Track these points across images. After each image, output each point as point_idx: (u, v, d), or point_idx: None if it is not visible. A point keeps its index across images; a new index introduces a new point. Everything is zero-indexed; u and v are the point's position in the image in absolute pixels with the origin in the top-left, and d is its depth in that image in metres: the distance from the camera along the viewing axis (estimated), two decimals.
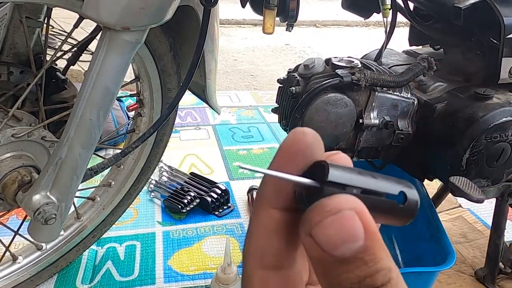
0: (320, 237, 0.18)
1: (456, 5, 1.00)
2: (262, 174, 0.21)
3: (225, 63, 3.49)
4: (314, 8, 5.53)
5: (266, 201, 0.21)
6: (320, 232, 0.18)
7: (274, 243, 0.20)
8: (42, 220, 0.78)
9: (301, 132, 0.21)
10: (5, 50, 0.91)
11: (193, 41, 0.87)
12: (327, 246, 0.18)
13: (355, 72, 0.96)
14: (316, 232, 0.18)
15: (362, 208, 0.18)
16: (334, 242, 0.18)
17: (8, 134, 0.82)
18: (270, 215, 0.20)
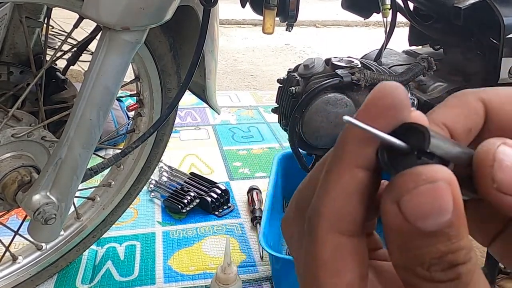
0: (409, 206, 0.17)
1: (456, 5, 1.00)
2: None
3: (225, 63, 3.50)
4: (314, 8, 5.53)
5: (349, 158, 0.18)
6: (411, 200, 0.17)
7: (354, 207, 0.18)
8: (42, 220, 0.78)
9: (393, 86, 0.19)
10: (5, 50, 0.91)
11: (193, 41, 0.87)
12: (415, 216, 0.16)
13: (355, 72, 0.96)
14: (406, 200, 0.17)
15: (455, 182, 0.17)
16: (423, 213, 0.16)
17: (8, 134, 0.82)
18: (353, 174, 0.18)
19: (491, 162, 0.18)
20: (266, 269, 1.26)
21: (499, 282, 1.22)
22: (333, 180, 0.18)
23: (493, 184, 0.18)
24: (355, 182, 0.18)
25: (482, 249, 1.35)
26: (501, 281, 1.22)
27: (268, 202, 1.20)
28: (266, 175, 1.73)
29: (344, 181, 0.18)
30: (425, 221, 0.16)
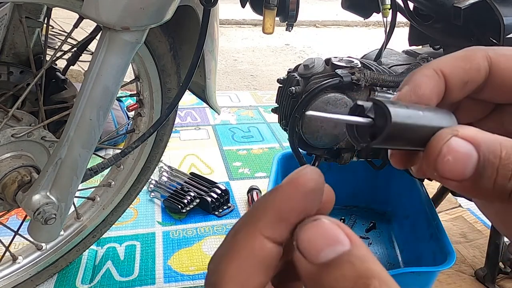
0: (302, 244, 0.18)
1: (456, 5, 1.00)
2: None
3: (225, 63, 3.50)
4: (314, 8, 5.53)
5: (263, 227, 0.19)
6: (302, 239, 0.18)
7: (259, 274, 0.19)
8: (42, 220, 0.78)
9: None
10: (5, 50, 0.91)
11: (193, 41, 0.87)
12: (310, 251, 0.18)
13: (355, 72, 0.96)
14: (300, 240, 0.18)
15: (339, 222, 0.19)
16: (315, 247, 0.18)
17: (8, 134, 0.82)
18: (262, 245, 0.19)
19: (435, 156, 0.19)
20: None
21: (499, 282, 1.22)
22: (241, 245, 0.19)
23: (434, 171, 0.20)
24: (262, 251, 0.19)
25: (482, 249, 1.35)
26: (501, 280, 1.23)
27: None
28: (266, 175, 1.73)
29: (251, 248, 0.19)
30: (322, 253, 0.17)
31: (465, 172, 0.19)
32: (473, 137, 0.19)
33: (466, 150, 0.19)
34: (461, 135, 0.19)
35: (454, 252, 0.97)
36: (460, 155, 0.19)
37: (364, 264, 0.17)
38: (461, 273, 1.27)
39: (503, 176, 0.19)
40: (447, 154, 0.19)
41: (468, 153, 0.19)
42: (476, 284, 1.23)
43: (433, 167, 0.20)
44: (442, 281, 1.24)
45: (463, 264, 1.31)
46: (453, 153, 0.19)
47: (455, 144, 0.19)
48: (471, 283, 1.24)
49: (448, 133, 0.20)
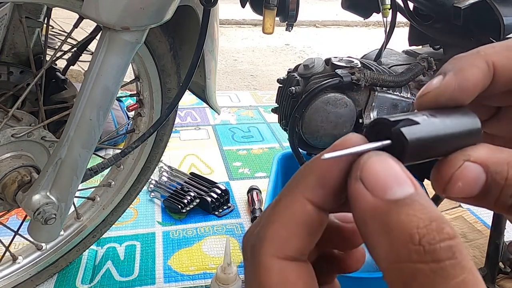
0: (369, 177, 0.18)
1: (455, 5, 1.00)
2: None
3: (225, 63, 3.50)
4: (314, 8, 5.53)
5: (305, 190, 0.19)
6: (369, 172, 0.18)
7: (300, 236, 0.19)
8: (42, 220, 0.78)
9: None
10: (5, 50, 0.91)
11: (193, 41, 0.87)
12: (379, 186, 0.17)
13: (355, 72, 0.96)
14: (365, 173, 0.18)
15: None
16: (384, 181, 0.17)
17: (8, 134, 0.82)
18: (303, 207, 0.19)
19: (446, 182, 0.20)
20: None
21: (499, 282, 1.22)
22: (283, 208, 0.19)
23: (443, 192, 0.20)
24: (304, 215, 0.19)
25: (482, 249, 1.35)
26: (501, 280, 1.22)
27: (268, 202, 1.20)
28: (266, 175, 1.73)
29: (293, 211, 0.19)
30: (391, 190, 0.17)
31: (473, 192, 0.20)
32: (483, 159, 0.19)
33: (476, 173, 0.19)
34: (473, 159, 0.20)
35: None
36: (470, 180, 0.19)
37: (432, 208, 0.17)
38: None
39: (505, 195, 0.19)
40: (458, 180, 0.19)
41: (477, 176, 0.19)
42: None
43: (442, 190, 0.20)
44: None
45: None
46: (463, 179, 0.19)
47: (466, 170, 0.19)
48: None
49: (461, 159, 0.20)
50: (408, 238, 0.16)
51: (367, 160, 0.18)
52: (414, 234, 0.16)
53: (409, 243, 0.16)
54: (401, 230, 0.16)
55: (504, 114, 0.24)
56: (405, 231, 0.16)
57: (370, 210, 0.17)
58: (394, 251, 0.16)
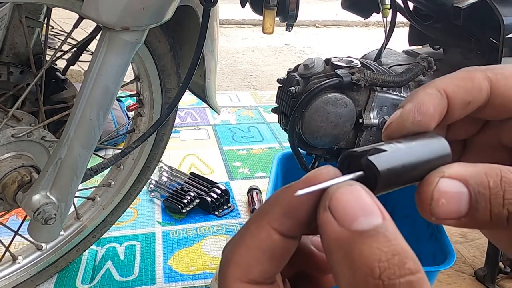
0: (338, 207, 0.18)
1: (455, 5, 1.00)
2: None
3: (225, 63, 3.50)
4: (314, 8, 5.53)
5: (271, 219, 0.20)
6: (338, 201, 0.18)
7: (264, 261, 0.19)
8: (42, 220, 0.78)
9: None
10: (5, 50, 0.91)
11: (193, 41, 0.87)
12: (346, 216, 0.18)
13: (355, 72, 0.96)
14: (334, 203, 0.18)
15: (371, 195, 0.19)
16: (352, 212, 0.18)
17: (8, 134, 0.82)
18: (269, 236, 0.19)
19: (429, 201, 0.20)
20: None
21: (499, 282, 1.22)
22: (249, 234, 0.20)
23: (431, 217, 0.20)
24: (270, 243, 0.19)
25: (482, 249, 1.35)
26: (501, 280, 1.22)
27: None
28: (266, 175, 1.73)
29: (259, 238, 0.19)
30: (357, 221, 0.17)
31: (460, 210, 0.19)
32: (460, 174, 0.20)
33: (456, 189, 0.19)
34: (448, 175, 0.20)
35: (454, 252, 0.97)
36: (452, 195, 0.19)
37: (398, 241, 0.17)
38: (461, 273, 1.27)
39: (496, 204, 0.19)
40: (440, 197, 0.19)
41: (459, 191, 0.19)
42: (476, 284, 1.23)
43: (429, 212, 0.20)
44: (442, 281, 1.24)
45: (463, 264, 1.31)
46: (445, 196, 0.19)
47: (445, 186, 0.20)
48: (471, 283, 1.24)
49: (436, 176, 0.20)
50: (369, 271, 0.16)
51: (336, 190, 0.18)
52: (374, 268, 0.16)
53: (369, 276, 0.16)
54: (362, 262, 0.16)
55: (500, 125, 0.25)
56: (367, 264, 0.16)
57: (335, 239, 0.18)
58: (354, 283, 0.17)
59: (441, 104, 0.22)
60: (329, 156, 1.08)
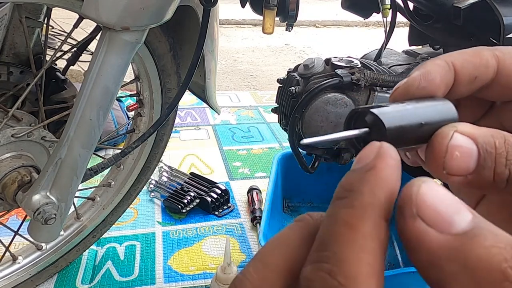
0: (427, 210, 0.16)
1: (455, 5, 1.00)
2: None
3: (225, 63, 3.50)
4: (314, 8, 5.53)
5: (381, 210, 0.16)
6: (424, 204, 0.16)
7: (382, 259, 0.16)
8: (42, 220, 0.78)
9: None
10: (5, 50, 0.91)
11: (193, 41, 0.87)
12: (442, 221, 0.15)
13: (355, 72, 0.96)
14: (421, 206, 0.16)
15: None
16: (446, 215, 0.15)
17: (8, 134, 0.82)
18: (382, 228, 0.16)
19: (443, 154, 0.20)
20: None
21: None
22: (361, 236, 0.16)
23: (443, 170, 0.20)
24: (385, 236, 0.16)
25: None
26: None
27: (268, 202, 1.20)
28: (266, 175, 1.73)
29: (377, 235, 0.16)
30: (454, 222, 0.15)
31: (470, 166, 0.20)
32: (470, 131, 0.20)
33: (468, 144, 0.20)
34: (460, 131, 0.20)
35: None
36: (465, 150, 0.20)
37: (499, 230, 0.15)
38: None
39: (500, 164, 0.19)
40: (454, 150, 0.20)
41: (470, 147, 0.20)
42: None
43: (442, 165, 0.20)
44: None
45: None
46: (459, 149, 0.20)
47: (459, 140, 0.20)
48: None
49: (450, 130, 0.20)
50: (501, 276, 0.14)
51: (418, 191, 0.16)
52: (506, 270, 0.14)
53: (505, 281, 0.14)
54: (487, 268, 0.14)
55: (502, 109, 0.25)
56: (494, 269, 0.14)
57: (441, 250, 0.15)
58: None
59: (448, 75, 0.22)
60: (329, 156, 1.08)
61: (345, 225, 0.16)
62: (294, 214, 1.46)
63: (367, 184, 0.16)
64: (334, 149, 1.06)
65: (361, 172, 0.17)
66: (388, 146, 0.17)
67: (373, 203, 0.16)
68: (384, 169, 0.17)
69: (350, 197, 0.16)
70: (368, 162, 0.17)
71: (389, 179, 0.17)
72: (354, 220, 0.16)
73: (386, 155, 0.17)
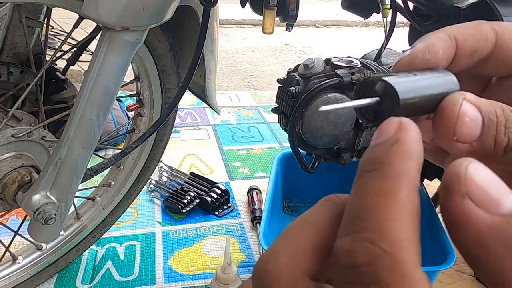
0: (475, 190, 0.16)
1: (455, 5, 1.00)
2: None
3: (225, 63, 3.49)
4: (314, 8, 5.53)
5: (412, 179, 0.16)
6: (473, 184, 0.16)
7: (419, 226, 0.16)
8: (42, 220, 0.78)
9: None
10: (5, 50, 0.91)
11: (193, 41, 0.87)
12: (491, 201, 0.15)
13: (355, 72, 0.96)
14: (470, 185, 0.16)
15: None
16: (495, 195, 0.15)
17: (8, 134, 0.82)
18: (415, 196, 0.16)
19: (455, 119, 0.20)
20: None
21: None
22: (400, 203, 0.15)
23: (453, 136, 0.20)
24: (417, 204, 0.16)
25: None
26: None
27: (268, 202, 1.20)
28: (266, 175, 1.73)
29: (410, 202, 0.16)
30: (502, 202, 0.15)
31: (476, 133, 0.20)
32: (475, 100, 0.21)
33: (474, 112, 0.20)
34: (467, 99, 0.21)
35: (454, 252, 0.97)
36: (473, 116, 0.20)
37: None
38: (461, 273, 1.27)
39: (500, 132, 0.20)
40: (465, 115, 0.20)
41: (476, 114, 0.20)
42: (476, 284, 1.23)
43: (452, 131, 0.20)
44: (442, 281, 1.24)
45: (463, 264, 1.31)
46: (468, 115, 0.20)
47: (467, 107, 0.20)
48: (471, 283, 1.24)
49: (460, 97, 0.21)
50: None
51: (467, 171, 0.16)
52: None
53: None
54: None
55: (499, 85, 0.26)
56: None
57: (488, 230, 0.15)
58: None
59: (450, 48, 0.23)
60: (329, 156, 1.08)
61: (380, 195, 0.16)
62: (294, 214, 1.46)
63: (396, 155, 0.17)
64: (334, 149, 1.06)
65: (387, 145, 0.17)
66: (408, 120, 0.18)
67: (405, 172, 0.16)
68: (409, 142, 0.17)
69: (380, 168, 0.16)
70: (390, 136, 0.17)
71: (415, 151, 0.17)
72: (390, 189, 0.16)
73: (409, 128, 0.17)
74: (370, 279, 0.14)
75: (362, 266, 0.15)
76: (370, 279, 0.14)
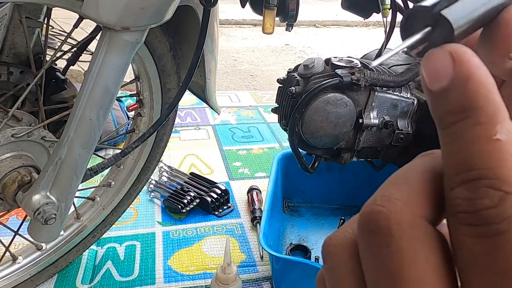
0: None
1: None
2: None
3: (225, 63, 3.49)
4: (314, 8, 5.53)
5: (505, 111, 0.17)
6: None
7: None
8: (42, 220, 0.78)
9: None
10: (5, 50, 0.91)
11: (193, 41, 0.87)
12: None
13: (355, 72, 0.96)
14: None
15: None
16: None
17: (8, 134, 0.82)
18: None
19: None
20: (266, 269, 1.26)
21: None
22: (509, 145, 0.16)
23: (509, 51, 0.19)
24: None
25: None
26: None
27: (268, 202, 1.20)
28: (266, 175, 1.73)
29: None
30: None
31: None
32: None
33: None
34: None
35: None
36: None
37: None
38: None
39: None
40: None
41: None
42: None
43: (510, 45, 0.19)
44: None
45: None
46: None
47: None
48: None
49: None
50: None
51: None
52: None
53: None
54: None
55: None
56: None
57: None
58: None
59: None
60: (329, 156, 1.08)
61: (487, 140, 0.15)
62: (294, 214, 1.46)
63: (479, 96, 0.16)
64: (334, 149, 1.06)
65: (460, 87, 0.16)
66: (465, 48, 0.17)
67: (494, 109, 0.16)
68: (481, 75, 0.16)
69: (472, 115, 0.16)
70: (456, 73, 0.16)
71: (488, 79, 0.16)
72: (489, 133, 0.15)
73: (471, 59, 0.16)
74: (498, 219, 0.15)
75: (486, 210, 0.15)
76: (498, 219, 0.15)
